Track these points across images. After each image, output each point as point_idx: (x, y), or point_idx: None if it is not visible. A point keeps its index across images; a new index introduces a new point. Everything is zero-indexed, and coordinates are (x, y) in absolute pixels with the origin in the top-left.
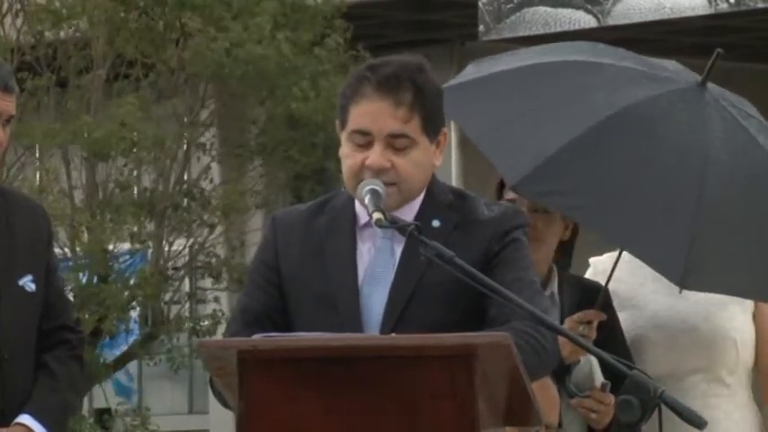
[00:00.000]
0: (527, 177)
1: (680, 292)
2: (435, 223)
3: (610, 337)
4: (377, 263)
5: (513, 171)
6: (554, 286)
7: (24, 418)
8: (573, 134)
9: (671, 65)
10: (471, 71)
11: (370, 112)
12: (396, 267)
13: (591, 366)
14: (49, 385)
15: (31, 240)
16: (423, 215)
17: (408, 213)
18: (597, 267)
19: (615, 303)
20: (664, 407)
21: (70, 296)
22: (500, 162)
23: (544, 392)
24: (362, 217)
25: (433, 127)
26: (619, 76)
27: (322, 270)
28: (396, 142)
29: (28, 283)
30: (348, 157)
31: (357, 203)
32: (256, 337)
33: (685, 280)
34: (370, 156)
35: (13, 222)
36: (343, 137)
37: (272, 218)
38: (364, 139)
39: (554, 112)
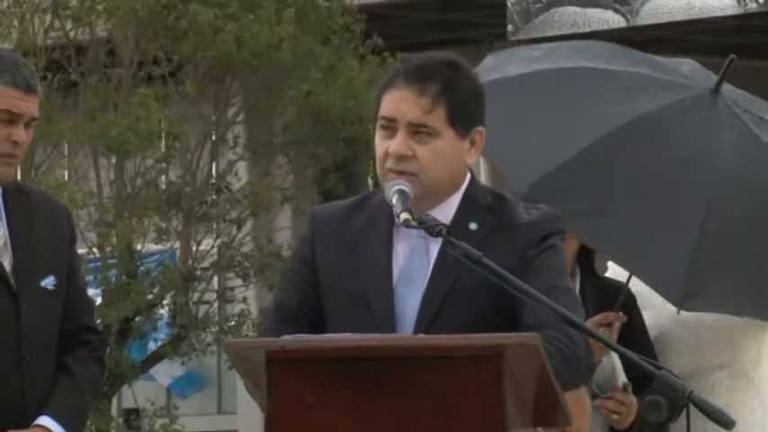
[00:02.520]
0: (533, 188)
1: (677, 313)
2: (473, 226)
3: (634, 337)
4: (411, 262)
5: (520, 180)
6: (575, 287)
7: (44, 420)
8: (580, 146)
9: (687, 65)
10: (489, 64)
11: (396, 99)
12: (431, 267)
13: (613, 366)
14: (70, 387)
15: (54, 240)
16: (460, 217)
17: (446, 213)
18: (615, 271)
19: (637, 303)
20: (692, 406)
21: (99, 295)
22: (508, 171)
23: (577, 401)
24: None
25: (462, 122)
26: (631, 84)
27: (356, 268)
28: (417, 131)
29: (50, 283)
30: (378, 145)
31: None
32: (285, 337)
33: (685, 302)
34: (392, 143)
35: (36, 222)
36: (377, 128)
37: (311, 213)
38: (390, 125)
39: (563, 121)
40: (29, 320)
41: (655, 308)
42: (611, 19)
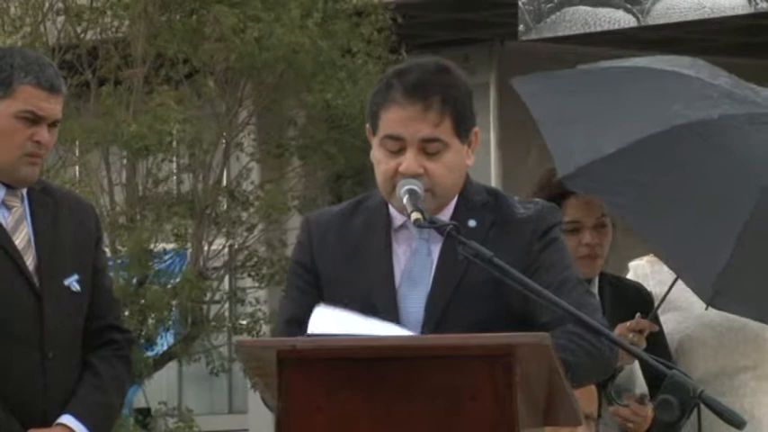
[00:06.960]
0: (580, 170)
1: (705, 309)
2: (471, 223)
3: (651, 339)
4: (414, 264)
5: (568, 161)
6: (595, 287)
7: (66, 419)
8: (637, 136)
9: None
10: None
11: (402, 118)
12: (434, 268)
13: (632, 370)
14: (93, 385)
15: (79, 240)
16: (458, 216)
17: (443, 215)
18: (637, 272)
19: (661, 306)
20: (703, 407)
21: None
22: (557, 150)
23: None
24: (397, 219)
25: (464, 128)
26: (703, 90)
27: (358, 272)
28: (428, 146)
29: (74, 282)
30: (381, 162)
31: (391, 206)
32: (298, 337)
33: (714, 299)
34: (404, 162)
35: (61, 222)
36: (375, 142)
37: (305, 220)
38: (397, 145)
39: (625, 112)
40: (52, 319)
41: (680, 310)
42: (622, 18)
